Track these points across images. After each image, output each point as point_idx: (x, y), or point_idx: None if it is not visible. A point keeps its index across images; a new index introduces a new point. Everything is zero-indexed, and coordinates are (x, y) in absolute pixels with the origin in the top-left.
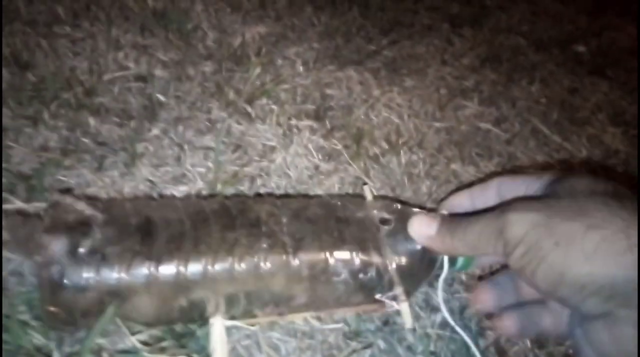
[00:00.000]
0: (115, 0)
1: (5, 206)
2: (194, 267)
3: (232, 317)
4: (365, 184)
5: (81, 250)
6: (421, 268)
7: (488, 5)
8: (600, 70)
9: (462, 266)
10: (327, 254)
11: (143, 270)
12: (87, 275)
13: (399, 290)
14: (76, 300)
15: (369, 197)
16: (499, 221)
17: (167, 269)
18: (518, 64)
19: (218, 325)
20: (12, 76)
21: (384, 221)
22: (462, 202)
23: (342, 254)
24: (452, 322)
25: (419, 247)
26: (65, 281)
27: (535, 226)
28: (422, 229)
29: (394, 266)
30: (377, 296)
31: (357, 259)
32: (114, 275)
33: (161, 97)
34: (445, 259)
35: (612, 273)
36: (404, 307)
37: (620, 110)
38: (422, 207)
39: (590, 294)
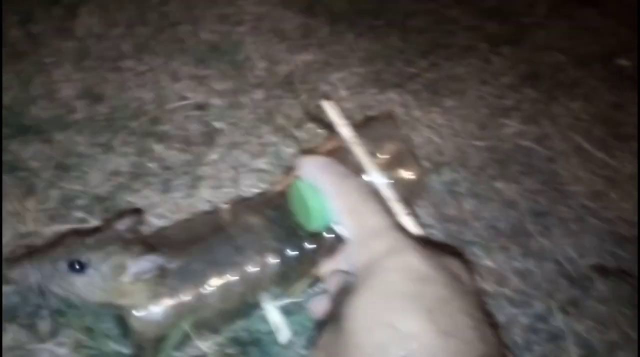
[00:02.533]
0: (173, 35)
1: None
2: (254, 268)
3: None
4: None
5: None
6: None
7: (526, 23)
8: None
9: None
10: None
11: (216, 282)
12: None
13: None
14: (162, 328)
15: (330, 113)
16: None
17: (234, 275)
18: (559, 81)
19: (271, 307)
20: (86, 108)
21: None
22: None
23: None
24: None
25: None
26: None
27: None
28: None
29: None
30: None
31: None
32: (192, 295)
33: (217, 124)
34: None
35: None
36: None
37: None
38: None
39: None
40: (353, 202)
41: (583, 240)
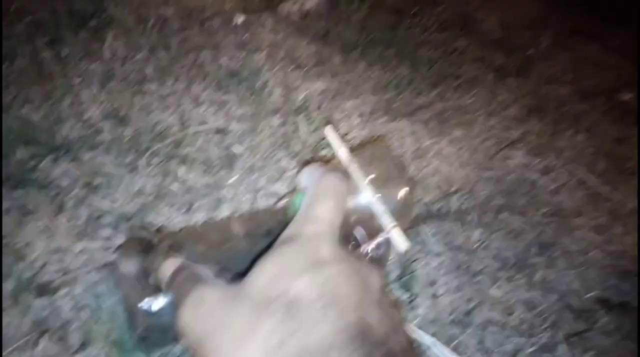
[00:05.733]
0: (194, 60)
1: (110, 243)
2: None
3: None
4: (328, 124)
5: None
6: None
7: (531, 55)
8: None
9: None
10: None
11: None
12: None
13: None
14: (159, 321)
15: (330, 137)
16: None
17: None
18: (563, 114)
19: None
20: (112, 129)
21: None
22: None
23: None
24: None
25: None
26: (148, 307)
27: None
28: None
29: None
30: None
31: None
32: None
33: (236, 149)
34: None
35: None
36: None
37: None
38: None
39: None
40: (317, 193)
41: (587, 273)
